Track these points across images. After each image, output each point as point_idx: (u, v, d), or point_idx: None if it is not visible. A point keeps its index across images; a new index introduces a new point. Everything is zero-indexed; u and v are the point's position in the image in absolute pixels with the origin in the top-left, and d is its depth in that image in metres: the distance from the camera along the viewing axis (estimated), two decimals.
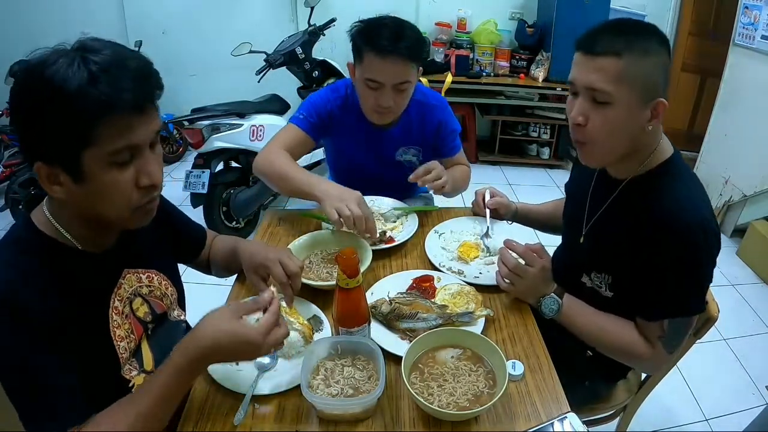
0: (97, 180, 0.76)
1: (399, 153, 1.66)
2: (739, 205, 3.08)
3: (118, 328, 0.90)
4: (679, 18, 3.88)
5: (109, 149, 0.74)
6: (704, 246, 0.98)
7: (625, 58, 0.92)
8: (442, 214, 1.54)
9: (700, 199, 1.02)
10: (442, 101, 1.68)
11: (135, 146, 0.77)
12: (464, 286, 1.20)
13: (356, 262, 0.91)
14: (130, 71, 0.74)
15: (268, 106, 3.06)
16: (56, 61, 0.70)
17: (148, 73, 0.77)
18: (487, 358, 0.96)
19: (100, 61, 0.72)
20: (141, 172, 0.79)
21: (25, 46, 0.75)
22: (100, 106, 0.70)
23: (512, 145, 4.14)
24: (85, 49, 0.73)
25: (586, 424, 1.12)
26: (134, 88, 0.74)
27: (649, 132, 1.00)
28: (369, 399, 0.86)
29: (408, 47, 1.38)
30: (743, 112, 3.00)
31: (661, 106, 0.96)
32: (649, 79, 0.94)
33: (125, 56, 0.75)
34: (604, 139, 1.00)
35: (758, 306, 2.57)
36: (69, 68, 0.70)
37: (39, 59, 0.72)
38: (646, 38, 0.94)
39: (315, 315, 1.12)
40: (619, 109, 0.95)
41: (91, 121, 0.71)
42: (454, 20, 3.92)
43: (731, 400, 2.02)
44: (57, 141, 0.72)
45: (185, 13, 3.69)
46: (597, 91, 0.95)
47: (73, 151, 0.73)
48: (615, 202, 1.12)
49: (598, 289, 1.16)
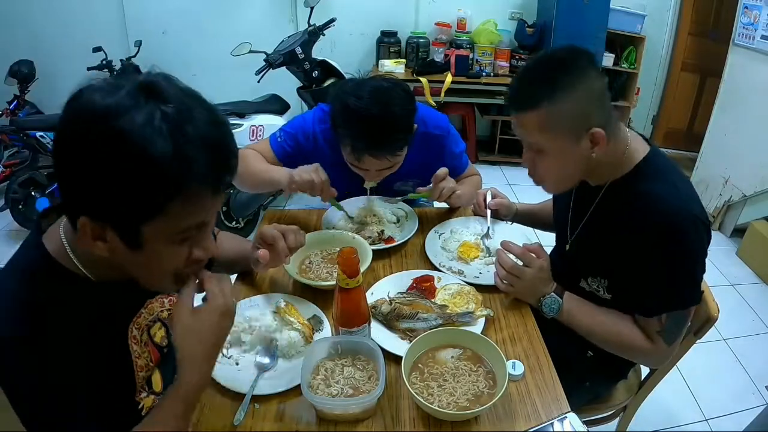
0: (153, 250, 0.69)
1: (398, 185, 1.59)
2: (739, 205, 3.08)
3: (139, 358, 0.85)
4: (679, 18, 3.89)
5: (177, 227, 0.68)
6: (693, 237, 0.98)
7: (542, 108, 0.94)
8: (443, 214, 1.53)
9: (684, 192, 1.02)
10: (444, 126, 1.55)
11: (203, 223, 0.72)
12: (464, 286, 1.21)
13: (356, 262, 0.91)
14: (222, 151, 0.67)
15: (268, 106, 3.06)
16: (128, 110, 0.60)
17: (229, 147, 0.69)
18: (487, 358, 0.96)
19: (192, 131, 0.63)
20: (197, 246, 0.74)
21: (25, 46, 0.73)
22: (180, 182, 0.63)
23: (512, 145, 4.12)
24: (161, 97, 0.63)
25: (586, 424, 1.12)
26: (221, 170, 0.67)
27: (599, 153, 0.98)
28: (369, 399, 0.86)
29: (389, 147, 1.29)
30: (743, 112, 3.00)
31: (598, 135, 0.95)
32: (575, 116, 0.95)
33: (209, 120, 0.66)
34: (552, 178, 1.07)
35: (758, 306, 2.57)
36: (149, 127, 0.60)
37: (104, 102, 0.61)
38: (564, 76, 0.94)
39: (315, 315, 1.11)
40: (553, 153, 1.00)
41: (167, 196, 0.63)
42: (453, 20, 3.91)
43: (731, 400, 2.02)
44: (120, 206, 0.63)
45: (185, 13, 3.69)
46: (529, 143, 1.02)
47: (136, 220, 0.65)
48: (597, 208, 1.12)
49: (596, 292, 1.17)
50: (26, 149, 3.05)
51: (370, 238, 1.37)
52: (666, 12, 3.87)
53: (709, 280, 1.18)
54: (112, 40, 3.49)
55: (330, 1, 3.59)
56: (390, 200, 1.52)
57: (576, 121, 0.95)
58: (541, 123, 0.95)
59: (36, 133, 2.81)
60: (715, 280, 2.67)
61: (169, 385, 0.78)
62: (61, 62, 3.55)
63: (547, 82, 0.94)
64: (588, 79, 0.95)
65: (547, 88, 0.94)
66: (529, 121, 0.97)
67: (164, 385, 0.92)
